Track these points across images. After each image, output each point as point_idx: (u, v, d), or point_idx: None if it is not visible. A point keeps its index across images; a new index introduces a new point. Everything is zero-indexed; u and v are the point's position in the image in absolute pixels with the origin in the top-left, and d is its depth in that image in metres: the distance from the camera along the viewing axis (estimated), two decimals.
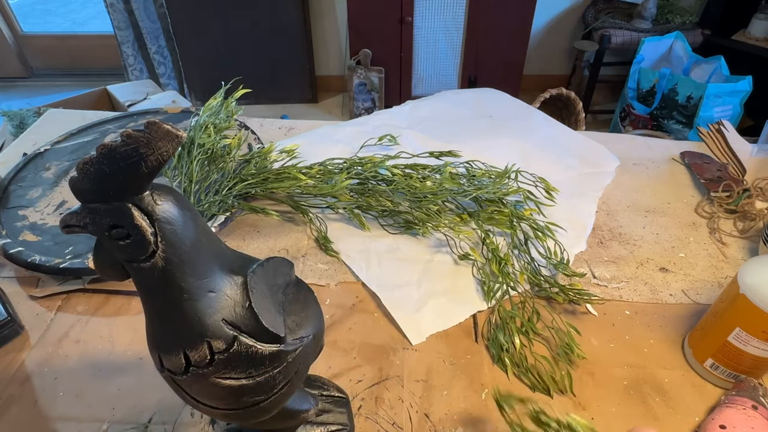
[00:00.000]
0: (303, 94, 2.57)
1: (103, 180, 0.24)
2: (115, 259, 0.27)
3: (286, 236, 0.67)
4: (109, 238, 0.26)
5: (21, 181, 0.73)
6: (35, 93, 2.57)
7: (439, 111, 0.93)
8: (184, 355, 0.28)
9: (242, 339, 0.28)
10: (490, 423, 0.46)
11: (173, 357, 0.28)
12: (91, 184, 0.25)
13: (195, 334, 0.28)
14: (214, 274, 0.28)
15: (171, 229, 0.26)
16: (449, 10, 2.11)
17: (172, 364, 0.28)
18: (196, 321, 0.27)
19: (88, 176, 0.25)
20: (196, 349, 0.28)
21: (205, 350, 0.28)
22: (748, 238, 0.67)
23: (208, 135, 0.68)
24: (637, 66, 2.01)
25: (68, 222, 0.26)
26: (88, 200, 0.25)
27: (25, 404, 0.48)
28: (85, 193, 0.25)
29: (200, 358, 0.28)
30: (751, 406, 0.43)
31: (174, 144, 0.24)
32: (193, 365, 0.28)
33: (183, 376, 0.28)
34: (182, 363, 0.28)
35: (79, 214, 0.25)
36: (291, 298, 0.32)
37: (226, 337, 0.28)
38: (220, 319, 0.28)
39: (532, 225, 0.63)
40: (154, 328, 0.29)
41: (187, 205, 0.28)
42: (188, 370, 0.28)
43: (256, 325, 0.28)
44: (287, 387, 0.31)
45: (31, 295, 0.58)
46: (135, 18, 2.23)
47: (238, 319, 0.28)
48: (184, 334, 0.28)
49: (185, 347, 0.28)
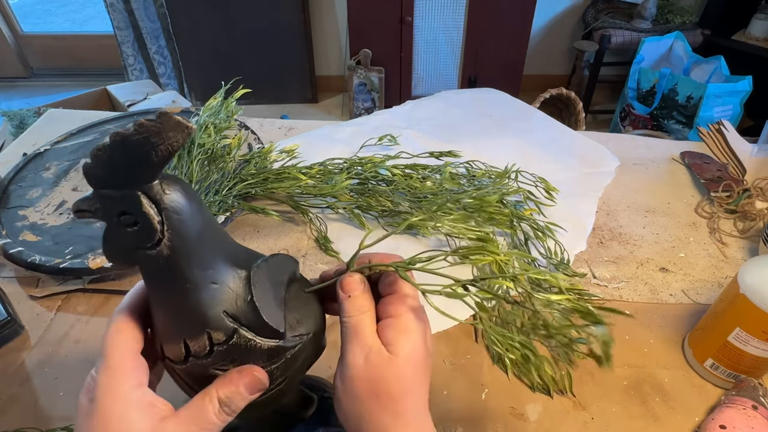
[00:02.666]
0: (303, 94, 2.57)
1: (114, 167, 0.25)
2: (123, 246, 0.27)
3: (286, 236, 0.67)
4: (117, 224, 0.26)
5: (21, 181, 0.73)
6: (35, 93, 2.57)
7: (439, 111, 0.93)
8: (184, 344, 0.28)
9: (242, 332, 0.28)
10: (490, 423, 0.46)
11: (173, 346, 0.29)
12: (102, 170, 0.25)
13: (196, 325, 0.28)
14: (218, 266, 0.28)
15: (178, 219, 0.26)
16: (449, 10, 2.11)
17: (172, 353, 0.29)
18: (198, 311, 0.28)
19: (101, 162, 0.25)
20: (196, 339, 0.28)
21: (205, 341, 0.28)
22: (748, 238, 0.67)
23: (208, 135, 0.68)
24: (637, 66, 2.01)
25: (80, 207, 0.26)
26: (99, 186, 0.26)
27: (25, 404, 0.48)
28: (97, 179, 0.26)
29: (200, 348, 0.28)
30: (751, 406, 0.43)
31: (184, 135, 0.24)
32: (192, 355, 0.28)
33: (182, 365, 0.29)
34: (182, 352, 0.28)
35: (91, 199, 0.26)
36: (294, 295, 0.32)
37: (226, 329, 0.28)
38: (221, 311, 0.28)
39: (533, 225, 0.63)
40: (157, 317, 0.29)
41: (195, 197, 0.28)
42: (187, 360, 0.28)
43: (257, 320, 0.28)
44: (285, 384, 0.31)
45: (31, 295, 0.58)
46: (135, 18, 2.23)
47: (239, 313, 0.28)
48: (185, 323, 0.28)
49: (186, 337, 0.28)
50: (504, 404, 0.48)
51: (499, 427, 0.46)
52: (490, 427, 0.46)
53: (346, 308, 0.30)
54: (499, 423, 0.46)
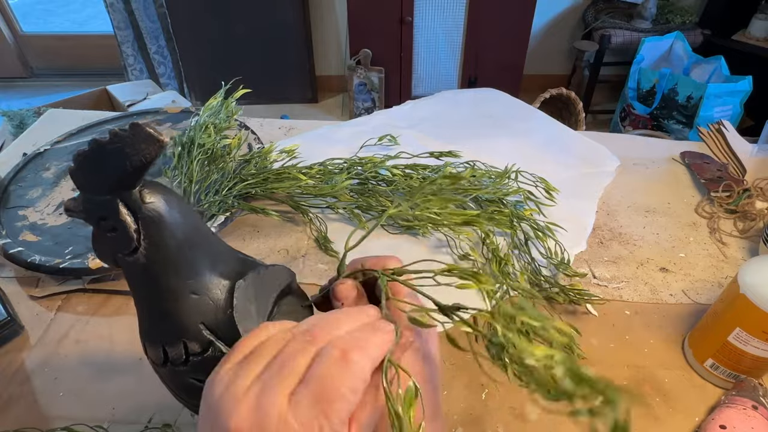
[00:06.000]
0: (303, 94, 2.57)
1: (93, 173, 0.26)
2: (105, 249, 0.28)
3: (286, 236, 0.67)
4: (98, 228, 0.27)
5: (21, 181, 0.73)
6: (35, 93, 2.57)
7: (439, 111, 0.93)
8: (162, 349, 0.28)
9: (218, 345, 0.28)
10: (490, 423, 0.46)
11: (154, 348, 0.29)
12: (83, 175, 0.26)
13: (173, 333, 0.28)
14: (201, 276, 0.28)
15: (155, 228, 0.26)
16: (449, 10, 2.11)
17: (153, 355, 0.29)
18: (175, 320, 0.28)
19: (81, 168, 0.26)
20: (173, 346, 0.28)
21: (181, 350, 0.28)
22: (748, 238, 0.67)
23: (208, 135, 0.68)
24: (637, 66, 2.01)
25: (68, 206, 0.27)
26: (83, 190, 0.27)
27: (25, 404, 0.48)
28: (80, 184, 0.26)
29: (176, 355, 0.28)
30: (751, 406, 0.43)
31: (155, 147, 0.24)
32: (170, 361, 0.28)
33: (162, 369, 0.29)
34: (161, 356, 0.28)
35: (77, 201, 0.27)
36: (285, 309, 0.31)
37: (202, 341, 0.28)
38: (199, 321, 0.28)
39: (533, 225, 0.63)
40: (141, 318, 0.30)
41: (179, 205, 0.28)
42: (166, 365, 0.29)
43: (234, 335, 0.28)
44: None
45: (31, 295, 0.58)
46: (135, 18, 2.23)
47: (217, 325, 0.28)
48: (163, 330, 0.28)
49: (164, 343, 0.28)
50: (504, 404, 0.48)
51: (499, 427, 0.46)
52: (490, 427, 0.46)
53: None
54: (500, 423, 0.46)
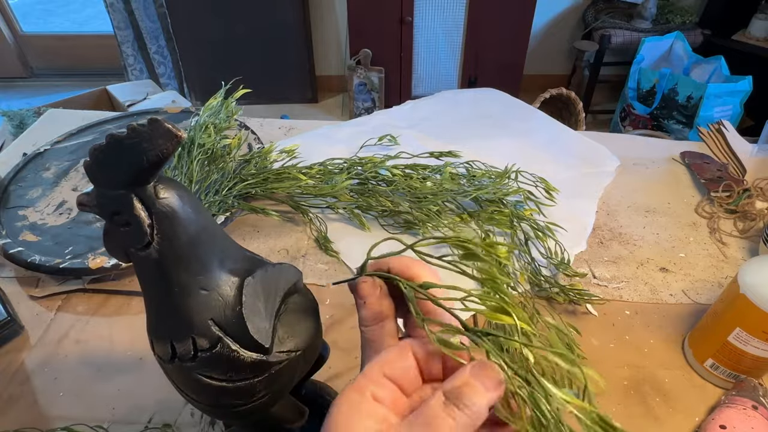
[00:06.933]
0: (303, 94, 2.57)
1: (109, 168, 0.26)
2: (118, 244, 0.28)
3: (286, 236, 0.67)
4: (111, 222, 0.27)
5: (21, 181, 0.73)
6: (35, 93, 2.57)
7: (439, 111, 0.93)
8: (171, 345, 0.28)
9: (226, 342, 0.28)
10: None
11: (162, 344, 0.29)
12: (98, 170, 0.26)
13: (181, 328, 0.28)
14: (210, 272, 0.28)
15: (168, 223, 0.26)
16: (449, 10, 2.11)
17: (161, 351, 0.29)
18: (184, 316, 0.28)
19: (97, 162, 0.26)
20: (181, 342, 0.28)
21: (190, 346, 0.28)
22: (748, 238, 0.67)
23: (208, 135, 0.68)
24: (637, 66, 2.01)
25: (81, 201, 0.27)
26: (97, 185, 0.27)
27: (25, 404, 0.48)
28: (94, 178, 0.26)
29: (185, 351, 0.28)
30: (751, 406, 0.43)
31: (173, 143, 0.25)
32: (178, 357, 0.28)
33: (169, 365, 0.29)
34: (169, 352, 0.29)
35: (90, 195, 0.27)
36: (290, 308, 0.31)
37: (210, 337, 0.28)
38: (208, 318, 0.28)
39: (533, 225, 0.63)
40: (149, 313, 0.30)
41: (192, 202, 0.28)
42: (173, 360, 0.29)
43: (242, 331, 0.28)
44: (268, 397, 0.31)
45: (31, 295, 0.58)
46: (135, 18, 2.23)
47: (226, 322, 0.28)
48: (172, 325, 0.28)
49: (172, 338, 0.28)
50: None
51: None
52: None
53: (361, 316, 0.28)
54: None
